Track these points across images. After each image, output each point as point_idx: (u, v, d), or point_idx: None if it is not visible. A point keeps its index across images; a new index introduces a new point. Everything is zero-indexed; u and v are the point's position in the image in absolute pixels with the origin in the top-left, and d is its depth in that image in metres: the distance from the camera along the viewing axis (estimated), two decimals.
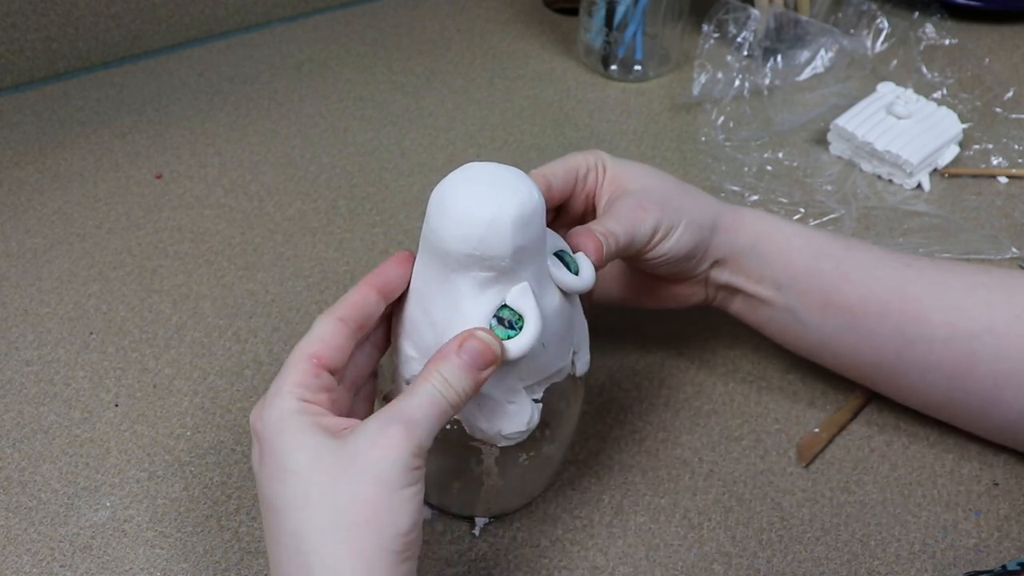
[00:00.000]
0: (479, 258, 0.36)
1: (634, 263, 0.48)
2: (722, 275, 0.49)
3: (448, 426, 0.41)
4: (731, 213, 0.48)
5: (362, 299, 0.39)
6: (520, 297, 0.38)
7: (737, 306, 0.51)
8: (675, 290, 0.51)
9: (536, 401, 0.41)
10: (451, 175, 0.38)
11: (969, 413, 0.48)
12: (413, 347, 0.40)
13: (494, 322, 0.38)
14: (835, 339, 0.49)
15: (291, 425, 0.35)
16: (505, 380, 0.39)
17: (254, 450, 0.37)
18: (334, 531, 0.33)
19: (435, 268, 0.38)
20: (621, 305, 0.52)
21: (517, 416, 0.40)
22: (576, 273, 0.41)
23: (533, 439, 0.42)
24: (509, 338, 0.38)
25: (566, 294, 0.41)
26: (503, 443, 0.41)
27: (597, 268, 0.42)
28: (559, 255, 0.41)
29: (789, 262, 0.48)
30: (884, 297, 0.47)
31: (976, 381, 0.46)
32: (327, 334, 0.38)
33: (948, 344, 0.46)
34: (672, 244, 0.46)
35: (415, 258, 0.40)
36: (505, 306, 0.38)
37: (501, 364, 0.38)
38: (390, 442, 0.34)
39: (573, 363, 0.42)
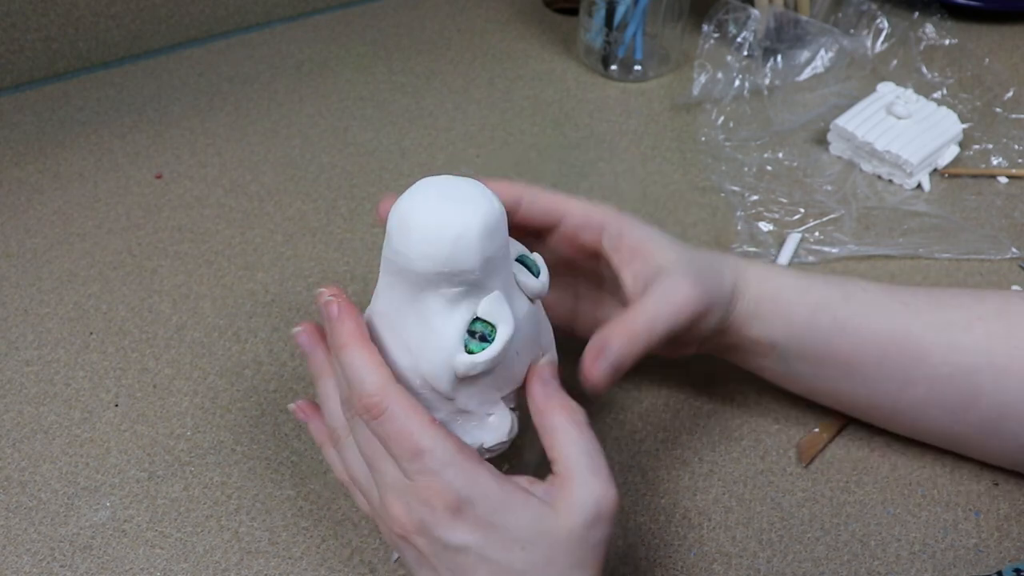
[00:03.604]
0: (448, 275, 0.36)
1: None
2: (718, 337, 0.47)
3: None
4: (739, 280, 0.46)
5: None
6: (492, 307, 0.37)
7: (727, 354, 0.49)
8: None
9: (513, 409, 0.41)
10: (409, 193, 0.37)
11: (971, 444, 0.48)
12: None
13: (468, 337, 0.37)
14: (830, 386, 0.48)
15: (500, 495, 0.36)
16: (483, 392, 0.39)
17: (451, 529, 0.36)
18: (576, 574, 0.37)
19: (402, 290, 0.38)
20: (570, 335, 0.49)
21: (498, 427, 0.40)
22: (537, 275, 0.41)
23: (514, 447, 0.42)
24: (483, 351, 0.37)
25: (531, 298, 0.40)
26: (487, 456, 0.41)
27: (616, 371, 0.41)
28: (520, 260, 0.41)
29: (786, 322, 0.46)
30: (882, 344, 0.46)
31: (978, 414, 0.46)
32: (413, 400, 0.37)
33: (948, 381, 0.45)
34: (699, 328, 0.44)
35: (345, 300, 0.39)
36: (478, 319, 0.37)
37: (478, 377, 0.38)
38: (612, 502, 0.37)
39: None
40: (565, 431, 0.38)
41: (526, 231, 0.45)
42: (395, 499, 0.37)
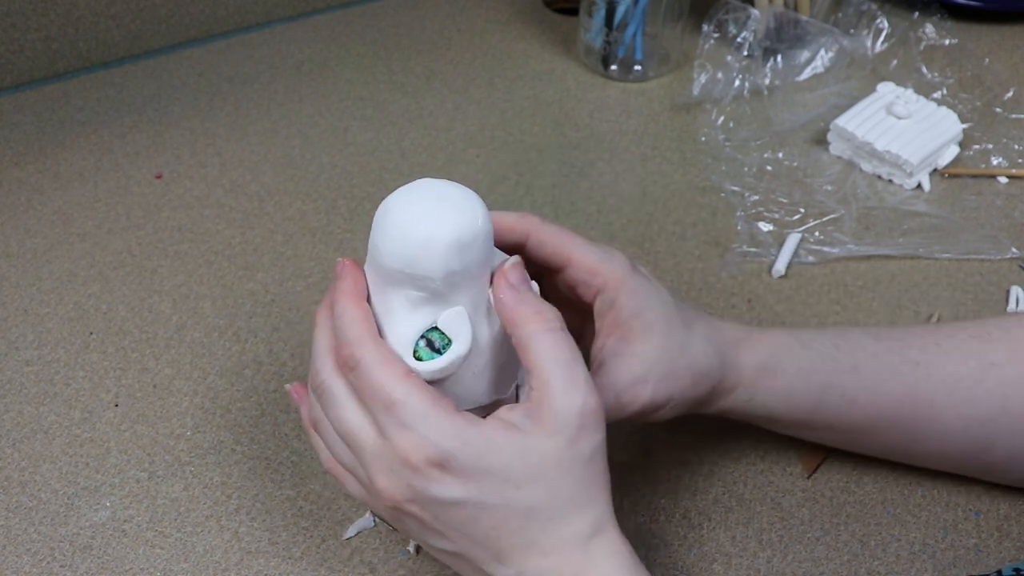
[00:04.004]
0: (410, 276, 0.36)
1: None
2: (700, 411, 0.45)
3: None
4: (733, 362, 0.44)
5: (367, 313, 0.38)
6: (453, 321, 0.37)
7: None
8: None
9: None
10: (400, 189, 0.37)
11: (985, 477, 0.48)
12: None
13: (422, 343, 0.37)
14: (839, 443, 0.49)
15: (481, 440, 0.35)
16: None
17: (441, 484, 0.35)
18: (580, 499, 0.36)
19: (374, 281, 0.38)
20: None
21: None
22: None
23: None
24: (430, 361, 0.37)
25: None
26: None
27: None
28: None
29: (792, 406, 0.45)
30: (894, 408, 0.45)
31: (991, 457, 0.45)
32: (390, 352, 0.37)
33: (963, 434, 0.45)
34: (654, 417, 0.43)
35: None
36: (435, 328, 0.37)
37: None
38: (592, 409, 0.36)
39: (517, 396, 0.41)
40: (537, 341, 0.36)
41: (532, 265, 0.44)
42: (378, 471, 0.36)
